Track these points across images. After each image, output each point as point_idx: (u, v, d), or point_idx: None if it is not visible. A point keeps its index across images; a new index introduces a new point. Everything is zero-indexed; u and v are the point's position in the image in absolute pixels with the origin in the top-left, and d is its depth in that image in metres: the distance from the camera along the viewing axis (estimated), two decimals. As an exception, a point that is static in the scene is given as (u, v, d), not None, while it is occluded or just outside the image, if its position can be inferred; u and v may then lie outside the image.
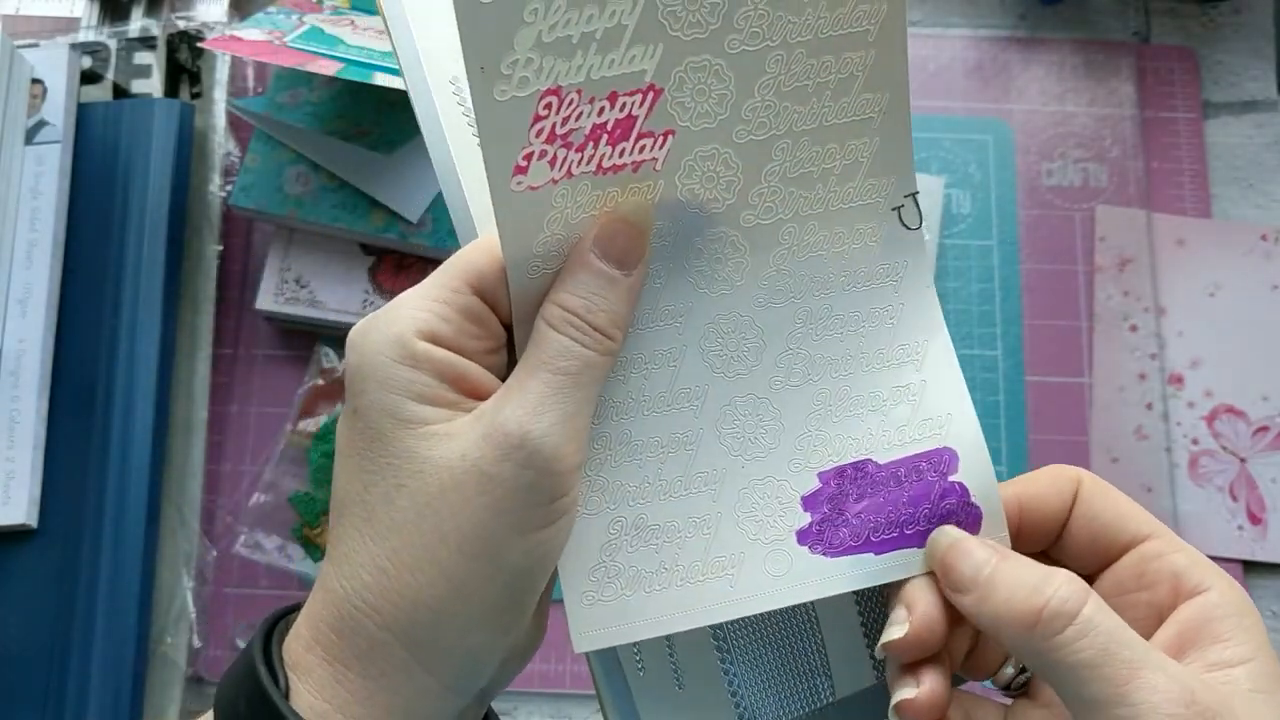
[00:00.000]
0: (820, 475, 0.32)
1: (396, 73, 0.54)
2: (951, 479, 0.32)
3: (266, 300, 0.58)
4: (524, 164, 0.28)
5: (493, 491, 0.27)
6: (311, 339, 0.60)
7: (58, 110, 0.59)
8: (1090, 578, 0.31)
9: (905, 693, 0.30)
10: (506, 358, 0.31)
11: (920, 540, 0.31)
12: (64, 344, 0.57)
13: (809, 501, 0.32)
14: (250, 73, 0.64)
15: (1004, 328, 0.60)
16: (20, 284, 0.57)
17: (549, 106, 0.28)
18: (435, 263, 0.59)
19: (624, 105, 0.29)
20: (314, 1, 0.61)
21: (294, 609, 0.31)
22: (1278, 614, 0.58)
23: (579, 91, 0.28)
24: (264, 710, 0.28)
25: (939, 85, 0.64)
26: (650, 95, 0.29)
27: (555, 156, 0.28)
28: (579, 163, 0.29)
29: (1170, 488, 0.58)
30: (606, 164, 0.29)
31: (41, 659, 0.53)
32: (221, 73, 0.63)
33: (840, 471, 0.32)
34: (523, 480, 0.27)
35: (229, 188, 0.61)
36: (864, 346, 0.33)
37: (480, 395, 0.29)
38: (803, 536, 0.32)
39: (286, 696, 0.28)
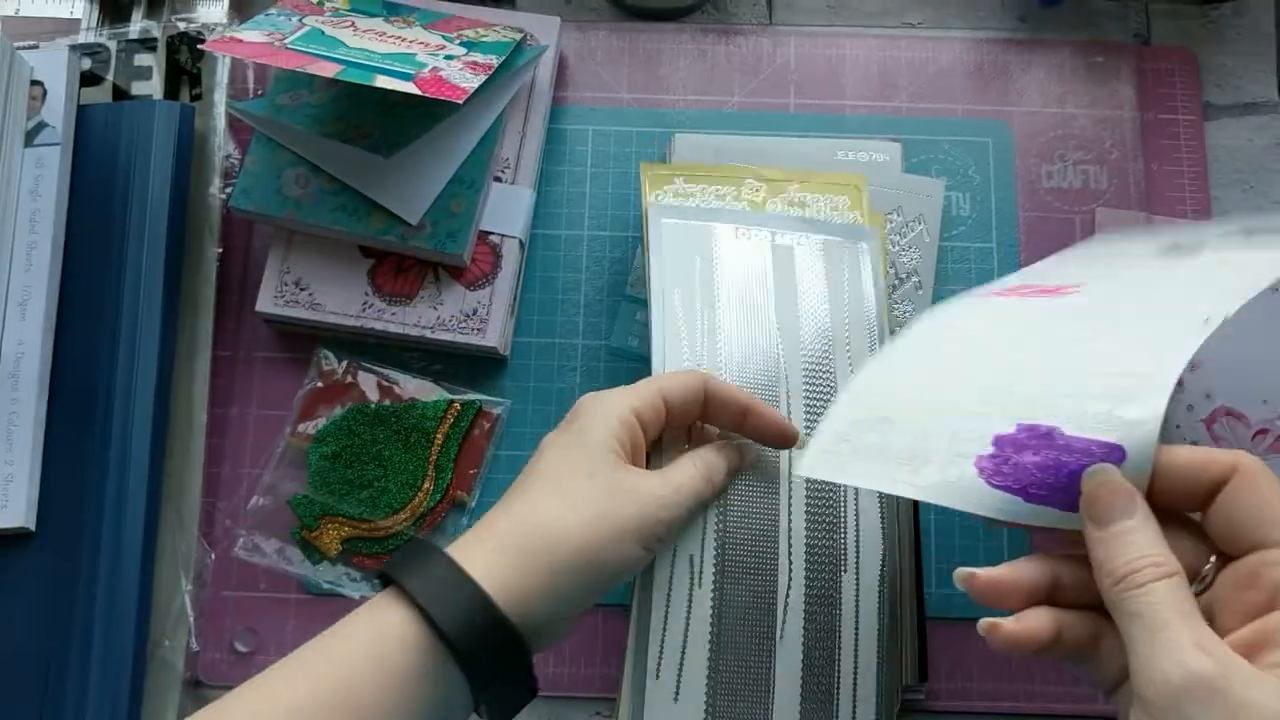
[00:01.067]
0: (1018, 425, 0.39)
1: (397, 75, 0.54)
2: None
3: (266, 303, 0.58)
4: None
5: (647, 508, 0.43)
6: (311, 342, 0.60)
7: (57, 112, 0.59)
8: (1228, 560, 0.36)
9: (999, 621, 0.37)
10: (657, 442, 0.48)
11: (1064, 504, 0.37)
12: (63, 346, 0.57)
13: (999, 440, 0.39)
14: (250, 75, 0.64)
15: (1004, 330, 0.60)
16: (20, 286, 0.57)
17: None
18: (434, 265, 0.59)
19: None
20: (314, 3, 0.61)
21: (412, 548, 0.41)
22: (1278, 617, 0.57)
23: None
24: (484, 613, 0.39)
25: (938, 87, 0.64)
26: None
27: None
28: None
29: (1171, 490, 0.58)
30: None
31: (40, 662, 0.53)
32: (221, 75, 0.63)
33: (1033, 428, 0.38)
34: (667, 510, 0.44)
35: (229, 190, 0.61)
36: (1109, 341, 0.41)
37: (635, 460, 0.45)
38: (980, 461, 0.39)
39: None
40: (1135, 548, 0.34)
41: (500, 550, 0.40)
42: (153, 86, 0.63)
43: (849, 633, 0.49)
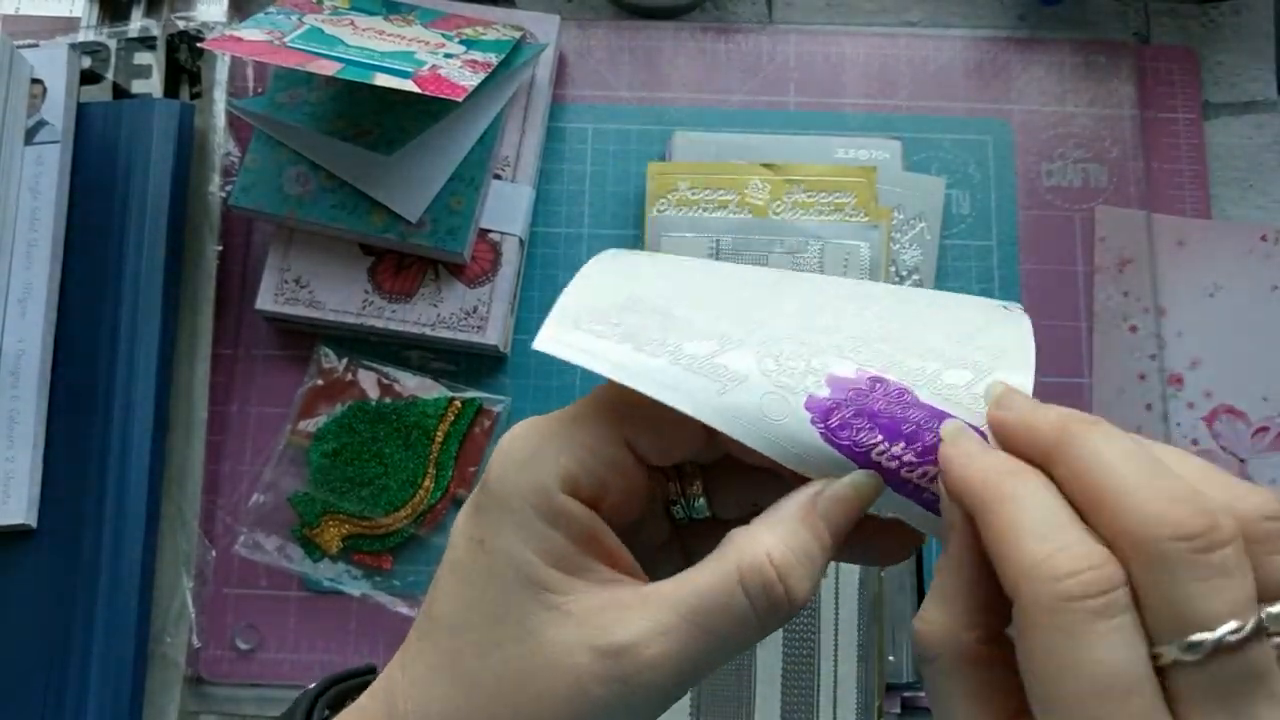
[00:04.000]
0: (859, 370, 0.31)
1: (396, 73, 0.54)
2: None
3: (266, 300, 0.58)
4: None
5: (584, 700, 0.26)
6: (311, 339, 0.60)
7: (57, 110, 0.59)
8: None
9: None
10: (639, 503, 0.31)
11: (904, 488, 0.30)
12: (64, 344, 0.57)
13: (836, 381, 0.31)
14: (250, 73, 0.64)
15: (1004, 328, 0.60)
16: (20, 284, 0.57)
17: None
18: (434, 263, 0.59)
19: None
20: (314, 2, 0.61)
21: (345, 678, 0.32)
22: (1277, 614, 0.58)
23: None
24: None
25: (939, 86, 0.64)
26: None
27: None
28: None
29: (1170, 488, 0.58)
30: None
31: (41, 659, 0.53)
32: (221, 73, 0.63)
33: (881, 380, 0.31)
34: (615, 702, 0.26)
35: (229, 188, 0.61)
36: (963, 315, 0.34)
37: (609, 559, 0.29)
38: (811, 404, 0.30)
39: None
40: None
41: None
42: (152, 85, 0.63)
43: (828, 635, 0.49)
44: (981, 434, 0.29)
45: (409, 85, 0.53)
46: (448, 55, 0.57)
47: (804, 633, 0.49)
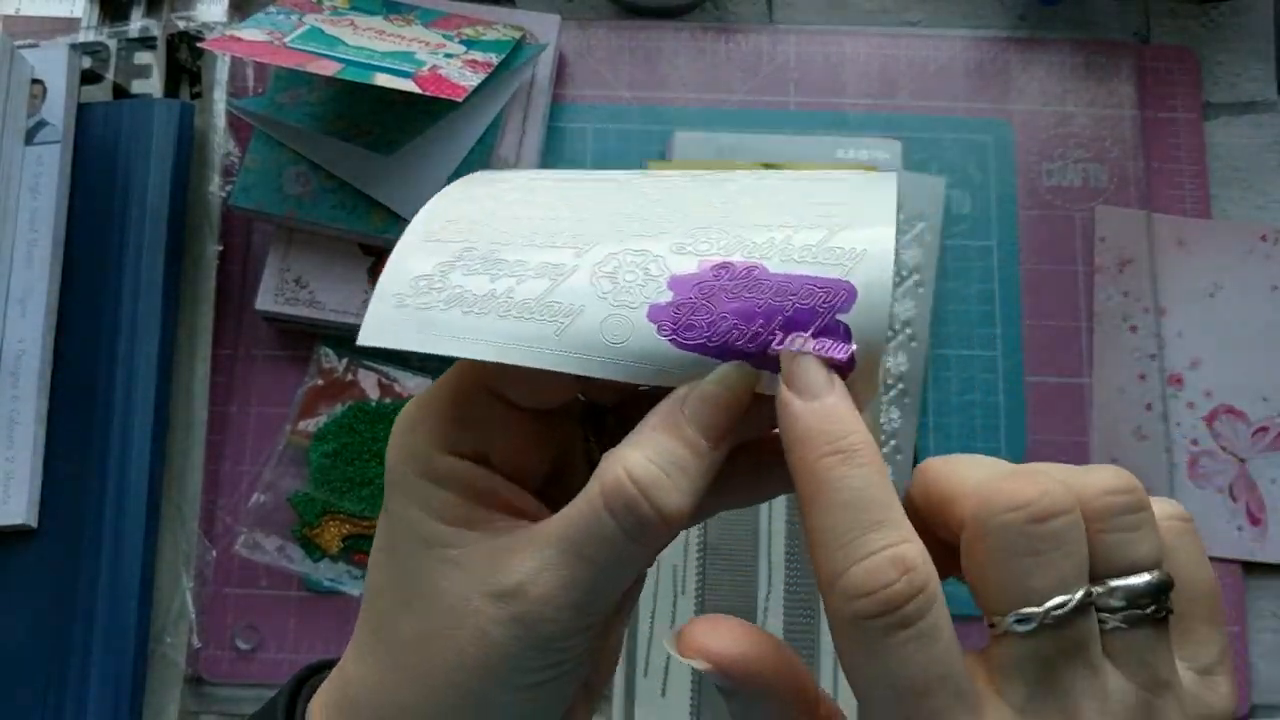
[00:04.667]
0: (702, 262, 0.28)
1: (396, 73, 0.54)
2: (840, 317, 0.27)
3: (266, 300, 0.58)
4: None
5: (487, 647, 0.26)
6: (311, 339, 0.60)
7: (58, 110, 0.59)
8: None
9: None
10: (544, 449, 0.30)
11: (778, 367, 0.27)
12: (64, 344, 0.57)
13: (678, 281, 0.28)
14: (250, 73, 0.64)
15: (1004, 328, 0.60)
16: (20, 284, 0.57)
17: None
18: (435, 263, 0.59)
19: None
20: (314, 2, 0.61)
21: (328, 665, 0.32)
22: (1278, 615, 0.58)
23: None
24: None
25: (939, 86, 0.64)
26: None
27: None
28: None
29: (1170, 488, 0.58)
30: None
31: (41, 658, 0.53)
32: (221, 73, 0.63)
33: (726, 265, 0.28)
34: (516, 644, 0.26)
35: (229, 188, 0.61)
36: (824, 184, 0.31)
37: (508, 508, 0.28)
38: (656, 312, 0.27)
39: None
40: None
41: None
42: (153, 85, 0.63)
43: (828, 633, 0.49)
44: (847, 289, 0.27)
45: (409, 85, 0.53)
46: (448, 55, 0.57)
47: (804, 632, 0.49)
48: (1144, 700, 0.24)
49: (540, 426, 0.29)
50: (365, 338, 0.27)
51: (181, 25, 0.64)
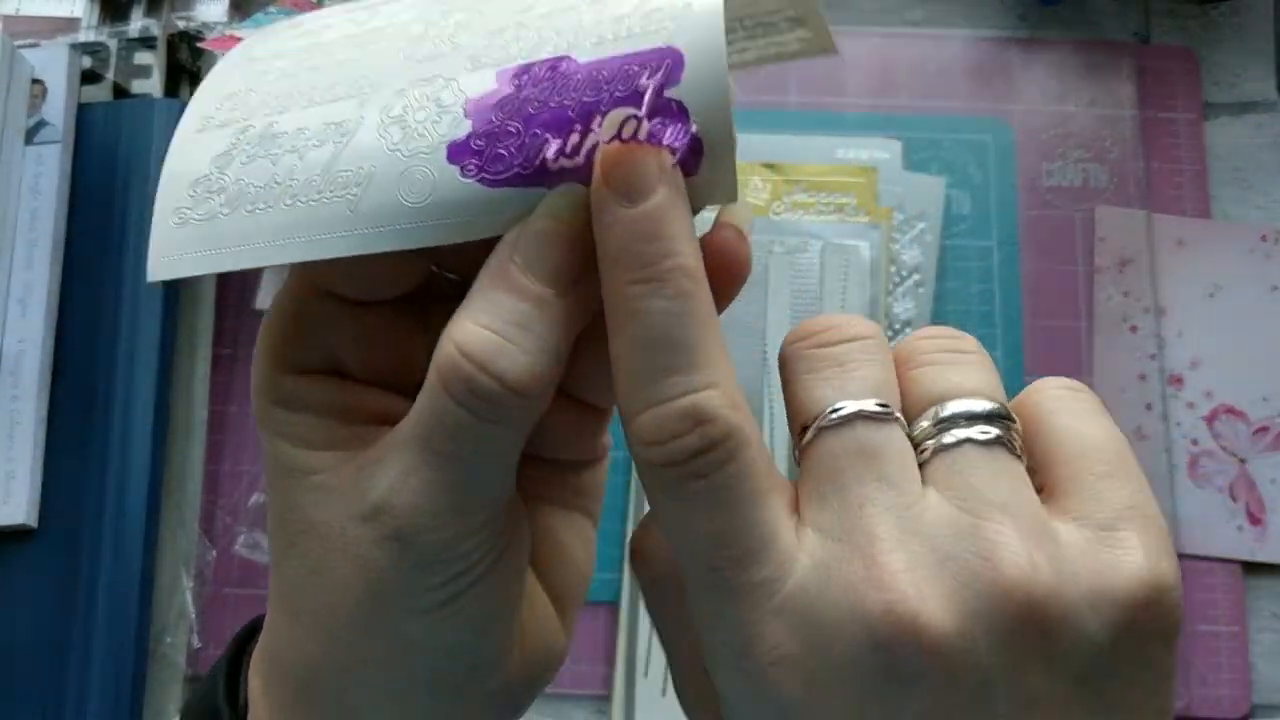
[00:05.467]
0: (499, 74, 0.23)
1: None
2: (669, 93, 0.21)
3: (266, 300, 0.58)
4: None
5: (370, 573, 0.23)
6: (311, 339, 0.60)
7: (58, 110, 0.59)
8: None
9: None
10: (407, 347, 0.25)
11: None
12: (64, 343, 0.57)
13: (476, 106, 0.22)
14: (250, 73, 0.64)
15: (1004, 328, 0.60)
16: (20, 284, 0.57)
17: None
18: (435, 263, 0.59)
19: None
20: (314, 1, 0.61)
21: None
22: (1278, 615, 0.58)
23: None
24: None
25: (939, 85, 0.64)
26: None
27: None
28: None
29: (1170, 488, 0.58)
30: None
31: (41, 659, 0.53)
32: (221, 73, 0.63)
33: (526, 70, 0.22)
34: (398, 566, 0.23)
35: (229, 188, 0.61)
36: None
37: (381, 416, 0.24)
38: (456, 151, 0.22)
39: None
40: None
41: (261, 687, 0.26)
42: (153, 85, 0.63)
43: None
44: (671, 55, 0.21)
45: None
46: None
47: None
48: (965, 523, 0.20)
49: (400, 319, 0.25)
50: (153, 273, 0.24)
51: (182, 25, 0.64)
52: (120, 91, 0.62)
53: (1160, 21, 0.66)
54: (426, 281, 0.25)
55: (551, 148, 0.22)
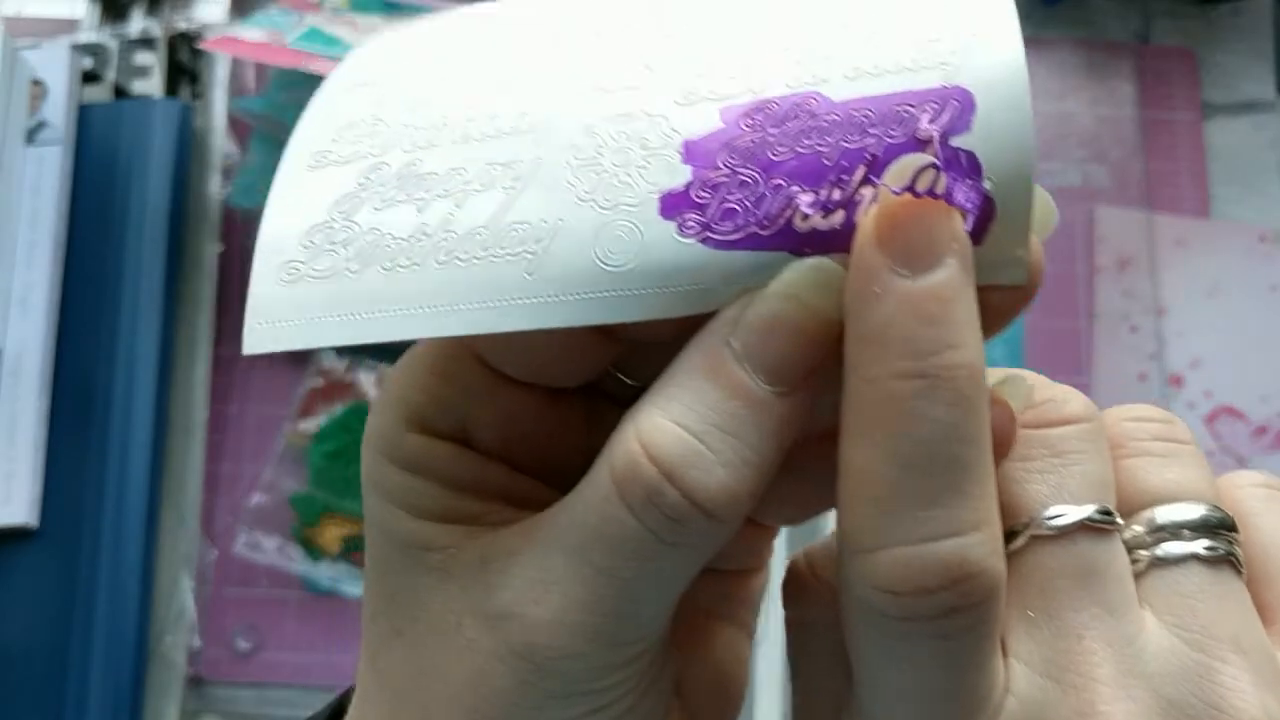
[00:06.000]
0: (725, 111, 0.18)
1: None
2: (955, 141, 0.17)
3: (266, 300, 0.58)
4: None
5: (489, 690, 0.19)
6: (311, 339, 0.60)
7: (58, 111, 0.59)
8: None
9: None
10: (557, 431, 0.21)
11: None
12: (64, 344, 0.57)
13: (696, 149, 0.18)
14: (250, 73, 0.64)
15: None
16: (20, 284, 0.57)
17: None
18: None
19: None
20: (313, 2, 0.61)
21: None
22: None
23: None
24: None
25: (939, 86, 0.64)
26: None
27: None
28: None
29: (1170, 488, 0.58)
30: None
31: (41, 659, 0.53)
32: (221, 73, 0.63)
33: (762, 109, 0.18)
34: (529, 689, 0.19)
35: (229, 188, 0.61)
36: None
37: (508, 498, 0.20)
38: (672, 203, 0.18)
39: None
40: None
41: None
42: (153, 85, 0.63)
43: None
44: (958, 97, 0.17)
45: (409, 85, 0.53)
46: (448, 55, 0.57)
47: None
48: (1192, 662, 0.17)
49: (558, 408, 0.21)
50: (250, 343, 0.19)
51: (182, 26, 0.64)
52: (120, 92, 0.63)
53: (1160, 21, 0.66)
54: (598, 379, 0.21)
55: (803, 202, 0.17)
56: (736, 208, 0.18)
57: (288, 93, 0.60)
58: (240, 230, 0.62)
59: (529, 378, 0.20)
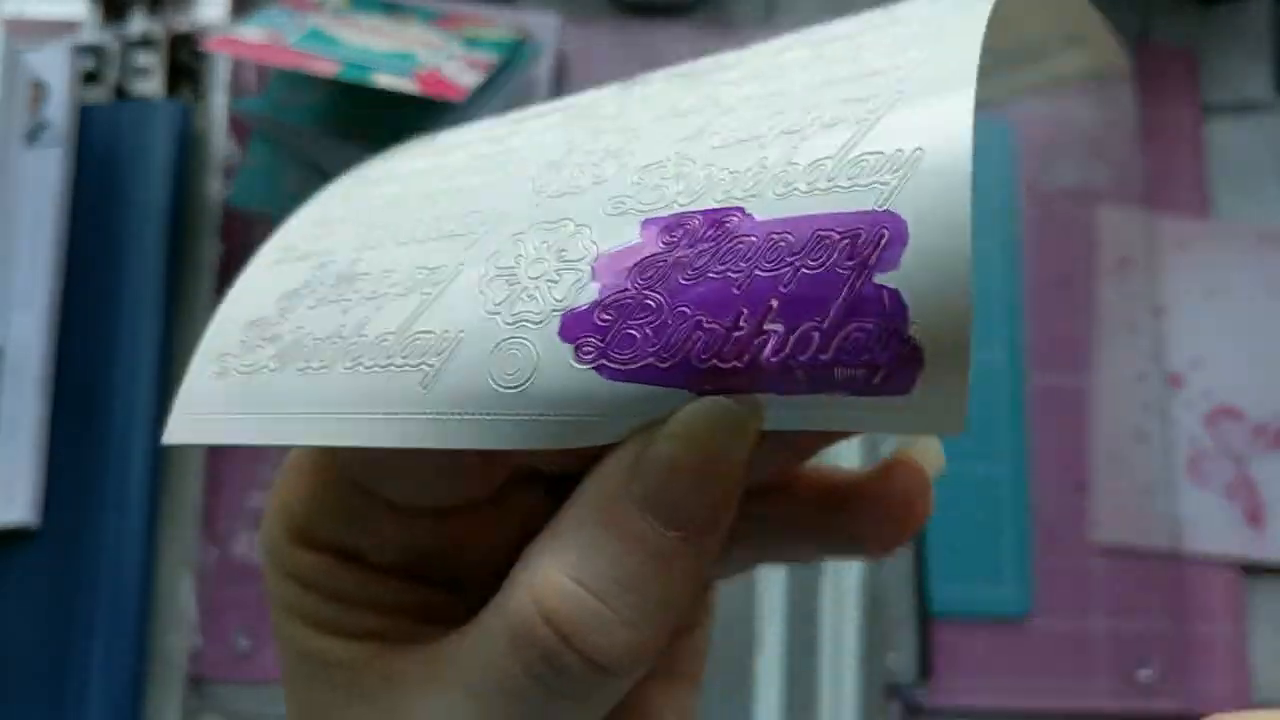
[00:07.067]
0: (645, 224, 0.17)
1: (397, 72, 0.54)
2: (879, 278, 0.15)
3: (266, 301, 0.59)
4: None
5: None
6: (311, 339, 0.60)
7: (59, 112, 0.59)
8: None
9: None
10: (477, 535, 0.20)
11: (788, 379, 0.16)
12: (64, 344, 0.57)
13: (609, 266, 0.17)
14: (251, 74, 0.64)
15: (1003, 328, 0.60)
16: (20, 284, 0.57)
17: None
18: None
19: None
20: (314, 2, 0.61)
21: None
22: (1278, 615, 0.57)
23: None
24: None
25: (938, 86, 0.64)
26: None
27: None
28: None
29: (1169, 488, 0.58)
30: None
31: (41, 659, 0.53)
32: (222, 74, 0.63)
33: (682, 222, 0.16)
34: None
35: (229, 188, 0.61)
36: (846, 29, 0.19)
37: (417, 612, 0.20)
38: (573, 324, 0.16)
39: None
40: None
41: None
42: (153, 86, 0.63)
43: (828, 635, 0.49)
44: (889, 225, 0.15)
45: (409, 85, 0.53)
46: (448, 55, 0.57)
47: (804, 633, 0.49)
48: None
49: (462, 514, 0.20)
50: (169, 434, 0.19)
51: (182, 27, 0.64)
52: (121, 93, 0.63)
53: (1160, 21, 0.66)
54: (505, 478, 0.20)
55: (701, 337, 0.16)
56: (636, 334, 0.16)
57: (288, 94, 0.60)
58: (240, 230, 0.62)
59: (408, 501, 0.19)
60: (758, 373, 0.15)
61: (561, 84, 0.65)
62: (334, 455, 0.19)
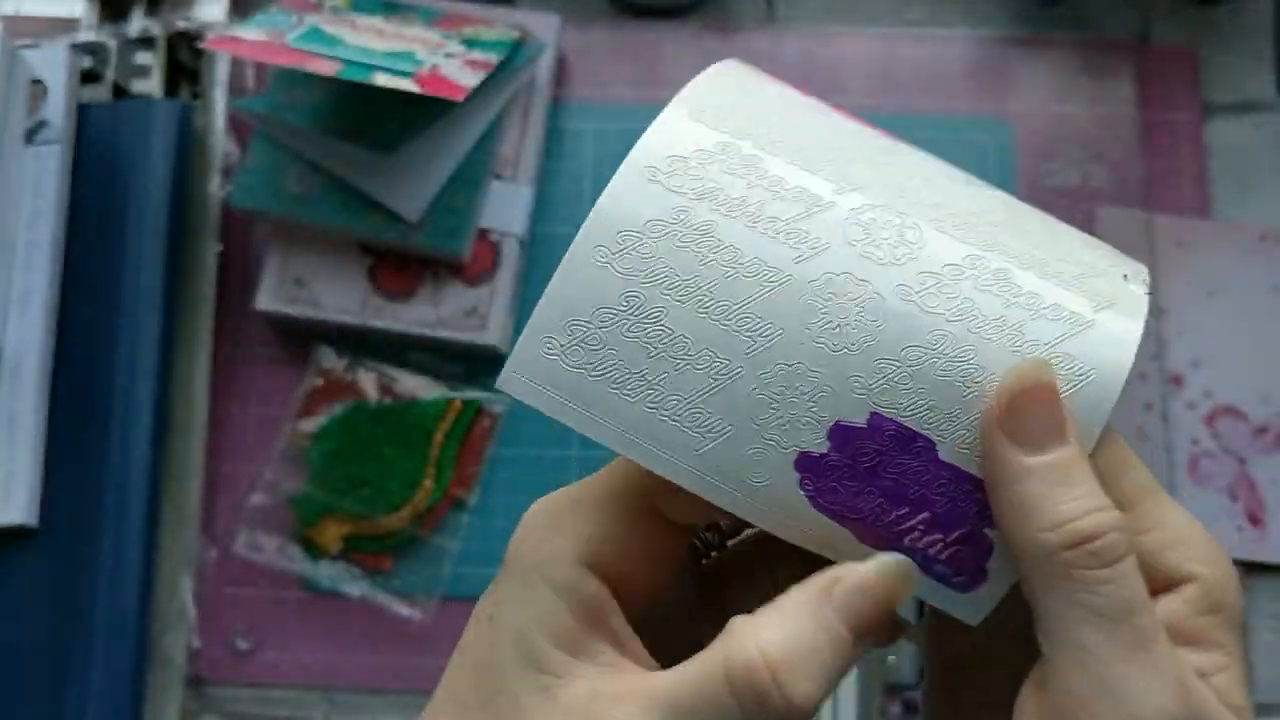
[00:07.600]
0: (873, 418, 0.24)
1: (396, 72, 0.54)
2: (989, 532, 0.24)
3: (266, 300, 0.58)
4: None
5: None
6: (311, 339, 0.60)
7: (57, 110, 0.59)
8: None
9: None
10: (664, 572, 0.27)
11: (933, 567, 0.25)
12: (64, 344, 0.57)
13: (840, 435, 0.24)
14: (250, 73, 0.64)
15: (1004, 328, 0.60)
16: (20, 284, 0.57)
17: None
18: (434, 263, 0.59)
19: None
20: (313, 1, 0.61)
21: None
22: (1278, 615, 0.58)
23: None
24: None
25: (938, 86, 0.64)
26: None
27: None
28: None
29: (1170, 488, 0.58)
30: None
31: (41, 659, 0.53)
32: (221, 73, 0.63)
33: (898, 435, 0.24)
34: None
35: (229, 188, 0.61)
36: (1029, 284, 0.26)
37: (615, 643, 0.25)
38: (804, 463, 0.24)
39: None
40: (1086, 493, 0.24)
41: None
42: (152, 85, 0.63)
43: None
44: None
45: (409, 85, 0.53)
46: (448, 55, 0.57)
47: None
48: None
49: (664, 543, 0.26)
50: (505, 382, 0.24)
51: (181, 25, 0.64)
52: (120, 92, 0.62)
53: (1160, 21, 0.66)
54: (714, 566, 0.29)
55: (875, 515, 0.24)
56: (839, 489, 0.24)
57: (288, 93, 0.60)
58: (239, 230, 0.62)
59: (686, 518, 0.26)
60: (900, 547, 0.24)
61: (562, 84, 0.64)
62: (637, 486, 0.25)
